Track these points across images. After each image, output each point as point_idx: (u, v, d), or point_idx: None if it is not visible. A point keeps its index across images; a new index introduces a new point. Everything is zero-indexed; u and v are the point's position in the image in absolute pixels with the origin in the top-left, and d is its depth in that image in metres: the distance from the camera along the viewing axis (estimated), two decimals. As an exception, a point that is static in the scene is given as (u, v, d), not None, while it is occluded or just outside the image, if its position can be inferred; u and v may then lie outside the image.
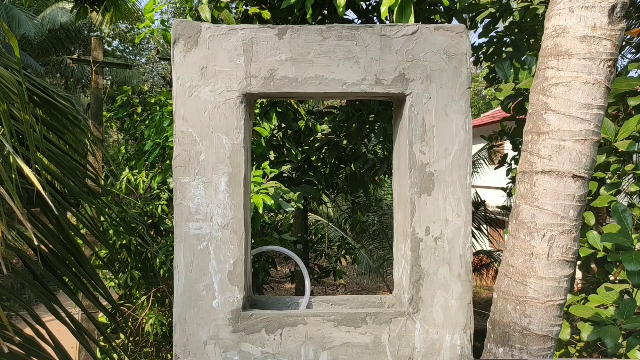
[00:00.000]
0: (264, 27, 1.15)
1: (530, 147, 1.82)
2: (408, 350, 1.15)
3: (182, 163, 1.14)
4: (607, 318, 2.28)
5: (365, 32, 1.15)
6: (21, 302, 1.65)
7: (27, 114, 1.46)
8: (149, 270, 5.01)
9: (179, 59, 1.15)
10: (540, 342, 1.75)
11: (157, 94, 6.16)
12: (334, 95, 1.19)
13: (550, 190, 1.73)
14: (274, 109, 4.55)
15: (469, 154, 1.16)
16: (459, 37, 1.16)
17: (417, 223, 1.15)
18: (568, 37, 1.72)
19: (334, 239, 8.02)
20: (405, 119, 1.18)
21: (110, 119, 6.49)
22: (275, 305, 1.34)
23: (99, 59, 6.36)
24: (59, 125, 2.05)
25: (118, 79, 18.32)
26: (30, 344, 1.53)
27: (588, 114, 1.69)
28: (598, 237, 2.68)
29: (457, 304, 1.16)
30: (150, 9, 4.16)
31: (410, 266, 1.15)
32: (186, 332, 1.14)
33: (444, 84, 1.16)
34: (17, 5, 14.98)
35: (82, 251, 1.94)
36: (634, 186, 3.03)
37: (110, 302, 2.03)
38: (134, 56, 22.77)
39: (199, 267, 1.14)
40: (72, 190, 2.00)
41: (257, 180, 3.61)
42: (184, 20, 1.16)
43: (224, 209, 1.14)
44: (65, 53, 17.30)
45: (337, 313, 1.16)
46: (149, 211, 4.83)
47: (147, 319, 5.15)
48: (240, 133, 1.15)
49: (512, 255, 1.84)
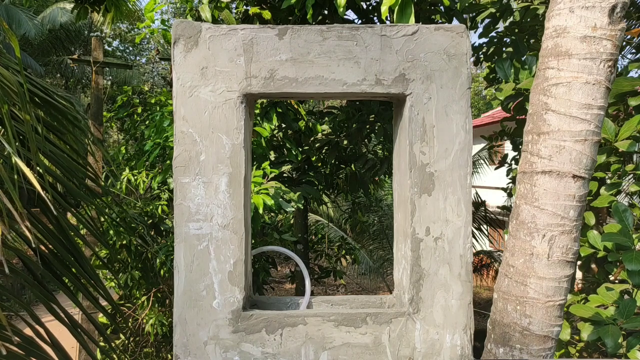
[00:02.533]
0: (264, 27, 1.15)
1: (530, 147, 1.82)
2: (408, 350, 1.15)
3: (182, 163, 1.14)
4: (607, 318, 2.28)
5: (365, 32, 1.15)
6: (21, 302, 1.65)
7: (28, 115, 1.46)
8: (149, 270, 5.01)
9: (179, 59, 1.15)
10: (540, 342, 1.75)
11: (157, 94, 6.16)
12: (334, 95, 1.19)
13: (550, 190, 1.73)
14: (274, 109, 4.55)
15: (469, 154, 1.16)
16: (459, 37, 1.16)
17: (417, 223, 1.15)
18: (568, 37, 1.72)
19: (334, 239, 8.01)
20: (405, 119, 1.18)
21: (110, 119, 6.49)
22: (275, 305, 1.34)
23: (99, 59, 6.36)
24: (58, 126, 2.05)
25: (118, 79, 18.31)
26: (30, 344, 1.53)
27: (588, 114, 1.69)
28: (598, 237, 2.68)
29: (457, 304, 1.16)
30: (150, 8, 4.16)
31: (410, 266, 1.15)
32: (186, 332, 1.14)
33: (444, 84, 1.16)
34: (17, 5, 14.98)
35: (82, 251, 1.93)
36: (634, 186, 3.03)
37: (110, 302, 2.03)
38: (134, 56, 22.76)
39: (199, 267, 1.14)
40: (72, 191, 2.00)
41: (257, 180, 3.61)
42: (184, 20, 1.16)
43: (224, 209, 1.14)
44: (65, 53, 17.29)
45: (337, 313, 1.16)
46: (149, 211, 4.83)
47: (147, 319, 5.15)
48: (240, 133, 1.14)
49: (512, 255, 1.84)
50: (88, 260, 1.98)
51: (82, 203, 2.32)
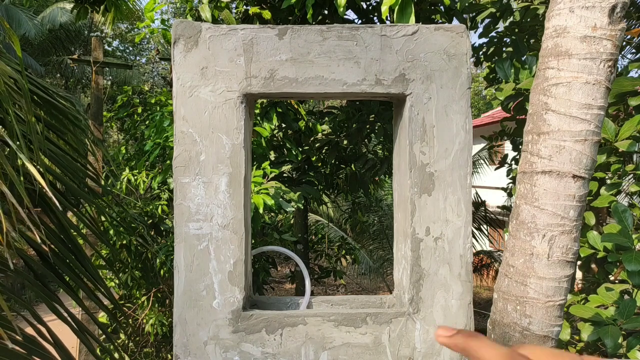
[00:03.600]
0: (264, 27, 1.15)
1: (530, 147, 1.82)
2: (408, 350, 1.15)
3: (182, 163, 1.14)
4: (607, 318, 2.28)
5: (365, 32, 1.15)
6: (22, 301, 1.66)
7: (30, 115, 1.46)
8: (149, 270, 5.01)
9: (179, 59, 1.15)
10: (540, 342, 1.75)
11: (157, 94, 6.16)
12: (334, 95, 1.19)
13: (550, 190, 1.73)
14: (274, 109, 4.55)
15: (469, 154, 1.16)
16: (459, 37, 1.16)
17: (417, 223, 1.15)
18: (568, 37, 1.72)
19: (334, 239, 8.01)
20: (405, 119, 1.18)
21: (110, 119, 6.49)
22: (275, 305, 1.34)
23: (99, 59, 6.37)
24: (59, 125, 2.05)
25: (118, 79, 18.31)
26: (31, 343, 1.53)
27: (588, 114, 1.69)
28: (598, 237, 2.68)
29: (457, 304, 1.16)
30: (150, 8, 4.16)
31: (410, 266, 1.15)
32: (186, 332, 1.14)
33: (444, 84, 1.16)
34: (17, 5, 14.98)
35: (83, 251, 1.94)
36: (634, 186, 3.03)
37: (112, 301, 2.04)
38: (134, 56, 22.76)
39: (199, 267, 1.14)
40: (73, 190, 2.00)
41: (257, 180, 3.61)
42: (184, 20, 1.16)
43: (224, 209, 1.14)
44: (65, 53, 17.29)
45: (337, 313, 1.16)
46: (149, 211, 4.83)
47: (147, 319, 5.15)
48: (240, 133, 1.14)
49: (512, 255, 1.84)
50: (90, 259, 1.98)
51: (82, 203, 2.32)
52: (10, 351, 1.42)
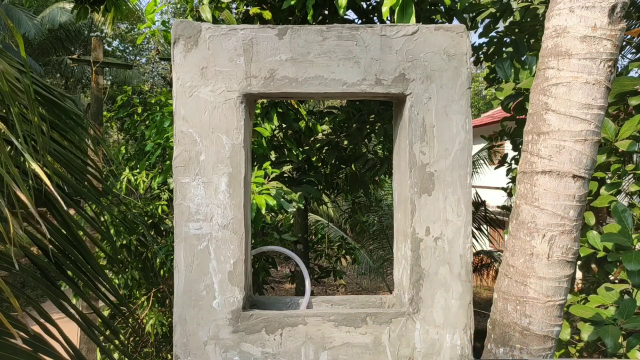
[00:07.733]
0: (263, 27, 1.15)
1: (530, 147, 1.82)
2: (408, 350, 1.15)
3: (182, 163, 1.14)
4: (607, 318, 2.28)
5: (365, 32, 1.15)
6: (28, 298, 1.66)
7: (34, 115, 1.46)
8: (149, 270, 5.01)
9: (178, 59, 1.15)
10: (540, 342, 1.75)
11: (157, 94, 6.16)
12: (334, 95, 1.19)
13: (550, 190, 1.73)
14: (274, 109, 4.55)
15: (469, 154, 1.16)
16: (459, 37, 1.16)
17: (417, 223, 1.15)
18: (568, 37, 1.72)
19: (334, 239, 8.01)
20: (405, 119, 1.18)
21: (110, 119, 6.49)
22: (275, 305, 1.34)
23: (99, 59, 6.37)
24: (61, 124, 2.06)
25: (118, 79, 18.32)
26: (37, 340, 1.54)
27: (588, 114, 1.69)
28: (598, 237, 2.68)
29: (457, 304, 1.16)
30: (151, 10, 4.16)
31: (410, 266, 1.15)
32: (186, 332, 1.14)
33: (444, 84, 1.16)
34: (17, 5, 14.98)
35: (88, 248, 1.95)
36: (634, 186, 3.03)
37: (117, 297, 2.05)
38: (134, 56, 22.76)
39: (199, 267, 1.14)
40: (76, 189, 2.01)
41: (258, 181, 3.61)
42: (183, 20, 1.16)
43: (224, 209, 1.14)
44: (65, 53, 17.30)
45: (337, 313, 1.16)
46: (149, 211, 4.83)
47: (147, 319, 5.15)
48: (240, 133, 1.15)
49: (512, 255, 1.84)
50: (94, 257, 1.99)
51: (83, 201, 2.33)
52: (16, 349, 1.43)
